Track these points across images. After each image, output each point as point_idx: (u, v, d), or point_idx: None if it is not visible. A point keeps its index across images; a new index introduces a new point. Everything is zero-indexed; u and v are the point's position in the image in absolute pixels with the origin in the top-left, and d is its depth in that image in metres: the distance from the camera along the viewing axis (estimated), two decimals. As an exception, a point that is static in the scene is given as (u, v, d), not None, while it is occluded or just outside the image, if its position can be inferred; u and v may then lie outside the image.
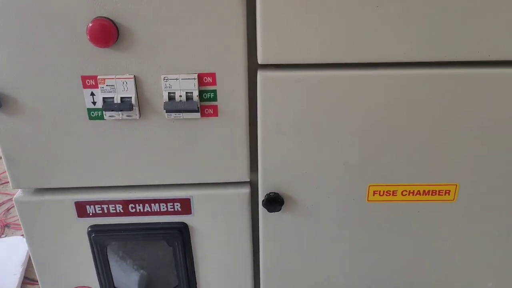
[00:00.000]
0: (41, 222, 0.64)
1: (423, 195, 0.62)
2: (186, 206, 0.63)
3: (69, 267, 0.68)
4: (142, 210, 0.63)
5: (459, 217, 0.63)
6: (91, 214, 0.63)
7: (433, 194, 0.62)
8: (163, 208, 0.63)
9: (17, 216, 1.86)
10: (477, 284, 0.69)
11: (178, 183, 0.62)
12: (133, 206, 0.63)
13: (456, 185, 0.61)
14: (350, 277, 0.69)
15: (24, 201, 0.62)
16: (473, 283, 0.69)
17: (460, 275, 0.68)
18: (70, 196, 0.62)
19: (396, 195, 0.62)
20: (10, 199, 1.98)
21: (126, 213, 0.63)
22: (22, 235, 1.70)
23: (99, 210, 0.63)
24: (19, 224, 1.83)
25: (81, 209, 0.63)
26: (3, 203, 1.96)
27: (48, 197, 0.62)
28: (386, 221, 0.64)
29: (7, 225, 1.80)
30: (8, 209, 1.91)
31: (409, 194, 0.62)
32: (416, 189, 0.61)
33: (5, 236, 1.72)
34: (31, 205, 0.63)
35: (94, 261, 0.66)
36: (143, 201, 0.63)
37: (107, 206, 0.63)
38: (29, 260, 1.56)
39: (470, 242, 0.66)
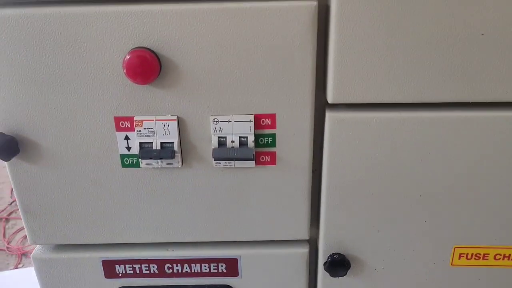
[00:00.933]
0: (62, 283, 0.54)
1: (520, 259, 0.51)
2: (232, 267, 0.53)
3: (93, 333, 0.58)
4: (180, 271, 0.53)
5: None
6: (120, 274, 0.54)
7: (533, 258, 0.51)
8: (205, 269, 0.53)
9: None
10: None
11: (226, 240, 0.52)
12: (170, 266, 0.53)
13: None
14: None
15: (43, 259, 0.53)
16: None
17: None
18: (97, 254, 0.53)
19: (487, 259, 0.51)
20: (28, 225, 1.90)
21: (162, 274, 0.54)
22: (40, 266, 1.62)
23: (130, 270, 0.53)
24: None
25: (109, 269, 0.53)
26: (20, 229, 1.88)
27: (71, 254, 0.53)
28: (472, 288, 0.53)
29: (24, 254, 1.72)
30: (26, 237, 1.83)
31: (503, 259, 0.51)
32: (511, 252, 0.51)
33: (22, 266, 1.64)
34: (51, 263, 0.53)
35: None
36: (182, 261, 0.53)
37: (139, 265, 0.53)
38: (46, 294, 1.47)
39: None
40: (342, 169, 0.47)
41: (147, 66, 0.41)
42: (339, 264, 0.51)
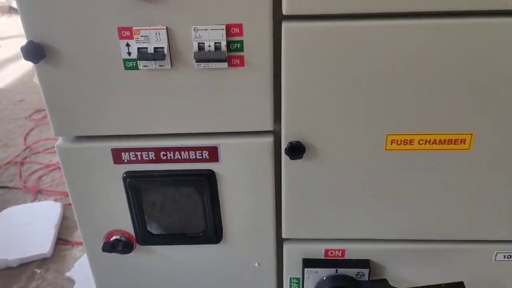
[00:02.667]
0: (80, 168, 0.69)
1: (439, 144, 0.65)
2: (213, 154, 0.67)
3: (105, 211, 0.73)
4: (172, 158, 0.68)
5: (473, 166, 0.66)
6: (126, 160, 0.68)
7: (449, 143, 0.64)
8: (192, 156, 0.68)
9: (48, 182, 1.96)
10: (490, 231, 0.72)
11: (206, 131, 0.66)
12: (164, 153, 0.68)
13: (472, 134, 0.64)
14: (367, 224, 0.73)
15: (65, 148, 0.68)
16: (486, 230, 0.72)
17: (473, 223, 0.71)
18: (107, 144, 0.67)
19: (413, 144, 0.65)
20: (42, 168, 2.08)
21: (158, 160, 0.68)
22: (55, 199, 1.79)
23: (133, 157, 0.68)
24: (51, 190, 1.93)
25: (117, 156, 0.68)
26: (35, 171, 2.05)
27: (87, 144, 0.67)
28: (403, 170, 0.67)
29: (39, 191, 1.89)
30: (40, 177, 2.00)
31: (425, 143, 0.65)
32: (432, 138, 0.64)
33: (39, 201, 1.81)
34: (71, 152, 0.68)
35: (128, 205, 0.72)
36: (173, 149, 0.67)
37: (140, 153, 0.68)
38: (62, 222, 1.65)
39: (484, 191, 0.68)
40: (296, 71, 0.61)
41: (142, -15, 0.54)
42: (296, 149, 0.65)
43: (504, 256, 0.74)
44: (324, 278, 0.76)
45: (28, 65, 3.30)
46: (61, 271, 1.42)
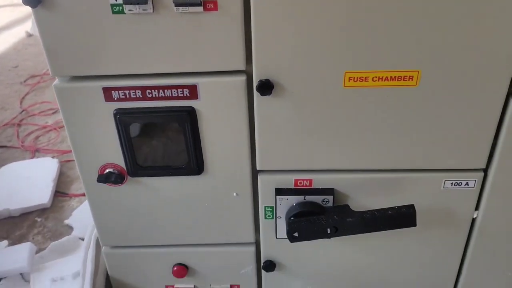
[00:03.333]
0: (75, 106, 0.78)
1: (390, 80, 0.74)
2: (193, 92, 0.76)
3: (99, 146, 0.82)
4: (157, 95, 0.77)
5: (421, 101, 0.75)
6: (116, 98, 0.77)
7: (399, 79, 0.74)
8: (174, 94, 0.76)
9: (45, 142, 2.05)
10: (439, 161, 0.82)
11: (186, 71, 0.75)
12: (150, 91, 0.76)
13: (418, 71, 0.73)
14: (331, 156, 0.82)
15: (61, 87, 0.76)
16: (436, 160, 0.82)
17: (424, 154, 0.81)
18: (99, 83, 0.76)
19: (368, 81, 0.74)
20: (38, 129, 2.16)
21: (145, 98, 0.77)
22: (52, 156, 1.88)
23: (122, 95, 0.77)
24: (48, 149, 2.02)
25: (107, 94, 0.77)
26: (32, 132, 2.13)
27: (81, 83, 0.76)
28: (360, 105, 0.76)
29: (37, 150, 1.98)
30: (37, 137, 2.09)
31: (378, 80, 0.74)
32: (384, 75, 0.73)
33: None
34: (67, 91, 0.77)
35: (119, 140, 0.81)
36: (158, 87, 0.76)
37: (128, 91, 0.76)
38: (59, 177, 1.75)
39: (433, 123, 0.78)
40: (264, 17, 0.69)
41: None
42: (265, 86, 0.74)
43: (452, 183, 0.85)
44: (294, 204, 0.86)
45: (20, 33, 3.35)
46: (60, 219, 1.52)
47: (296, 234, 0.84)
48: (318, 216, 0.84)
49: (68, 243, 1.32)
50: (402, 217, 0.82)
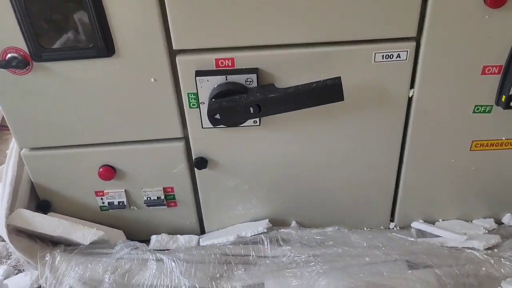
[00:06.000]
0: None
1: None
2: None
3: (-5, 26, 0.75)
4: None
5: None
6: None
7: None
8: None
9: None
10: (367, 30, 0.76)
11: None
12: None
13: None
14: (254, 30, 0.76)
15: None
16: (363, 30, 0.76)
17: (352, 23, 0.75)
18: None
19: None
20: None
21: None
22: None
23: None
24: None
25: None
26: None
27: None
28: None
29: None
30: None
31: None
32: None
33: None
34: None
35: (15, 16, 0.73)
36: None
37: None
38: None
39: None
40: None
41: None
42: None
43: (383, 56, 0.79)
44: (216, 86, 0.80)
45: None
46: (3, 151, 1.45)
47: (217, 116, 0.79)
48: (240, 95, 0.78)
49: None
50: (328, 90, 0.76)
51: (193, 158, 0.92)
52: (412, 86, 0.83)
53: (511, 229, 0.95)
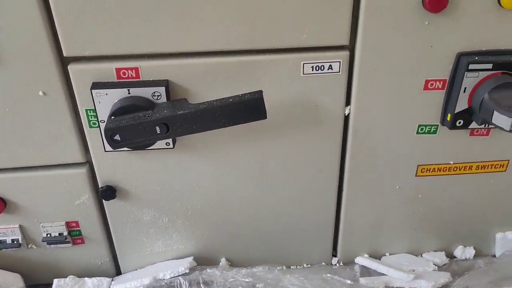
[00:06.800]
0: None
1: None
2: None
3: None
4: None
5: None
6: None
7: None
8: None
9: None
10: (293, 35, 0.65)
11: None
12: None
13: None
14: (162, 34, 0.64)
15: None
16: (288, 35, 0.65)
17: (274, 26, 0.64)
18: None
19: None
20: None
21: None
22: None
23: None
24: None
25: None
26: None
27: None
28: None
29: None
30: None
31: None
32: None
33: None
34: None
35: None
36: None
37: None
38: None
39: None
40: None
41: None
42: None
43: (312, 67, 0.68)
44: (116, 101, 0.67)
45: None
46: None
47: (117, 137, 0.66)
48: (145, 112, 0.66)
49: None
50: (248, 106, 0.65)
51: (99, 187, 0.78)
52: (348, 103, 0.73)
53: (463, 263, 0.85)
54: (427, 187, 0.81)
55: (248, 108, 0.65)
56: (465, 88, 0.68)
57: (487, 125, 0.72)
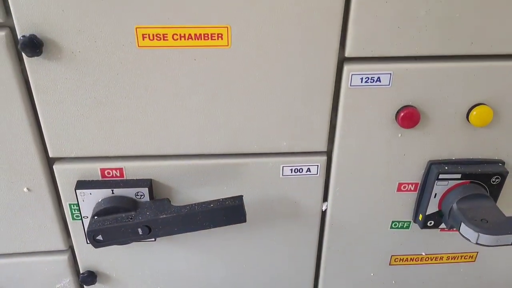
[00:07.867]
0: None
1: (196, 39, 0.59)
2: None
3: None
4: None
5: (235, 66, 0.61)
6: None
7: (206, 38, 0.59)
8: None
9: None
10: (272, 143, 0.68)
11: None
12: None
13: (228, 27, 0.58)
14: (142, 138, 0.66)
15: None
16: (268, 142, 0.68)
17: (255, 135, 0.67)
18: None
19: (167, 40, 0.58)
20: None
21: None
22: None
23: None
24: None
25: None
26: None
27: None
28: (162, 72, 0.61)
29: None
30: None
31: (181, 39, 0.59)
32: (187, 32, 0.58)
33: None
34: None
35: None
36: None
37: None
38: None
39: (258, 96, 0.64)
40: None
41: None
42: (32, 44, 0.56)
43: (292, 170, 0.71)
44: (100, 200, 0.69)
45: None
46: None
47: (100, 237, 0.67)
48: (128, 213, 0.67)
49: None
50: (228, 211, 0.67)
51: (80, 273, 0.79)
52: (325, 199, 0.75)
53: None
54: (401, 274, 0.84)
55: (229, 213, 0.67)
56: (436, 194, 0.71)
57: (456, 225, 0.75)
